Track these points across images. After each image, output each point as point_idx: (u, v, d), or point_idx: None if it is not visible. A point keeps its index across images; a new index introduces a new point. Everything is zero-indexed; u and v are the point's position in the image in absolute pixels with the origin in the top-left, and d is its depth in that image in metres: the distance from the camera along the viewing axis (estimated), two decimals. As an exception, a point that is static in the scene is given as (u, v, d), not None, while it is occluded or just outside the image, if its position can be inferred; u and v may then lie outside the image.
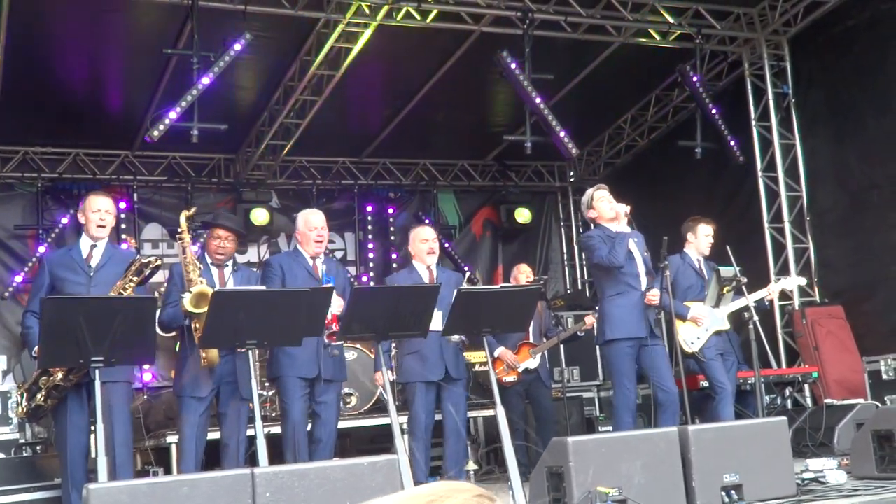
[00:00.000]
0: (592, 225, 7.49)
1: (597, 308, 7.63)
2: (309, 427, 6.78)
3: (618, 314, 7.05)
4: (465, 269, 13.11)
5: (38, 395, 5.87)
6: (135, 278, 5.89)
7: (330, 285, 6.30)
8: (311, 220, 6.87)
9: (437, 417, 7.34)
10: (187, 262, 6.24)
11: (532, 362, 8.63)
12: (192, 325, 6.13)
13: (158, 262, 6.03)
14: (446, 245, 13.01)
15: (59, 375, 5.78)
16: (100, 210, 6.18)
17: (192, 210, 6.59)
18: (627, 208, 7.09)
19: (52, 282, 6.06)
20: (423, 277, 7.17)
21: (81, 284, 5.99)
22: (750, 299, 7.65)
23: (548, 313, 9.01)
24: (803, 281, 8.49)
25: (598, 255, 7.04)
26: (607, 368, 7.60)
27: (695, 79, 10.44)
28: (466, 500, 1.44)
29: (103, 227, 6.16)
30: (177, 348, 6.96)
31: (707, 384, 8.56)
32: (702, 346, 7.68)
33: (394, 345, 7.82)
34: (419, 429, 7.03)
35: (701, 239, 7.94)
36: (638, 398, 10.41)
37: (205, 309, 5.60)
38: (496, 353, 8.54)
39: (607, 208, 7.19)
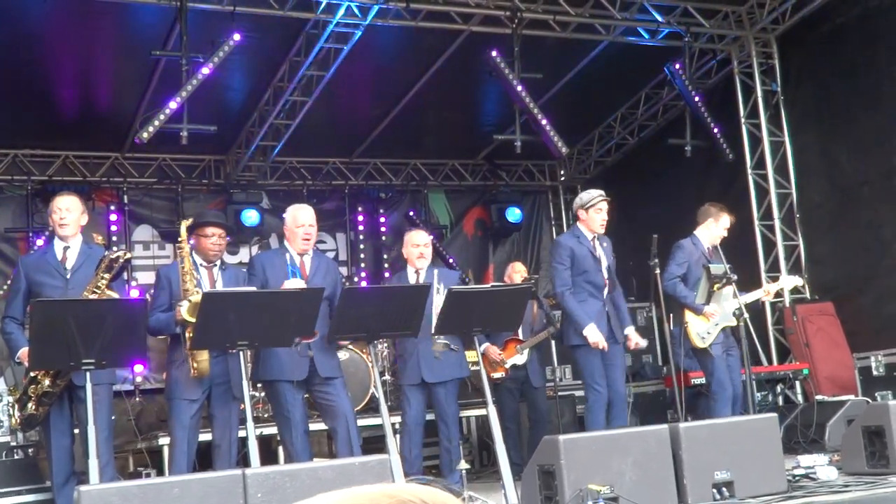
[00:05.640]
0: (575, 220, 7.70)
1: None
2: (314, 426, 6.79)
3: None
4: (465, 277, 13.12)
5: (30, 405, 5.87)
6: (106, 275, 5.85)
7: (321, 287, 6.25)
8: (299, 217, 6.76)
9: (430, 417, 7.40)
10: (185, 272, 6.22)
11: (519, 358, 8.64)
12: (185, 333, 6.12)
13: (128, 255, 6.05)
14: (441, 249, 13.01)
15: (47, 382, 5.76)
16: (59, 209, 6.15)
17: (190, 220, 6.54)
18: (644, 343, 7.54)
19: (30, 286, 6.05)
20: (408, 283, 7.17)
21: (58, 288, 5.98)
22: (744, 300, 7.64)
23: (541, 312, 9.02)
24: (799, 281, 8.46)
25: (556, 278, 7.43)
26: (576, 369, 7.70)
27: (684, 77, 10.46)
28: None
29: (65, 225, 6.12)
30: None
31: (700, 381, 8.61)
32: (711, 342, 7.63)
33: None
34: (405, 426, 7.13)
35: (721, 228, 7.94)
36: (629, 396, 10.48)
37: None
38: (481, 349, 8.57)
39: (598, 223, 7.43)
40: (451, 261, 13.06)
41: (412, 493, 1.39)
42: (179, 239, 6.36)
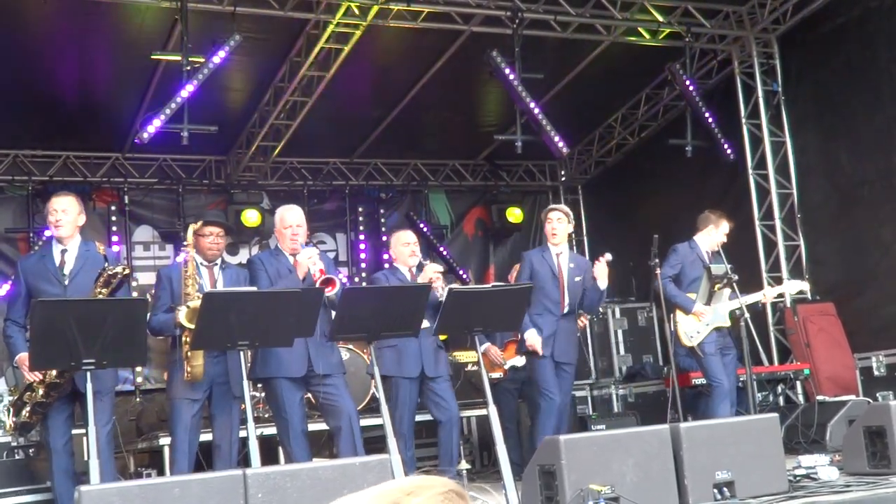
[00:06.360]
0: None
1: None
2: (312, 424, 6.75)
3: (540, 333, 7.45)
4: (463, 274, 13.11)
5: (24, 412, 5.85)
6: (103, 290, 5.76)
7: (319, 284, 6.23)
8: (286, 218, 6.74)
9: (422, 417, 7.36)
10: (188, 276, 6.21)
11: (519, 360, 8.63)
12: (183, 337, 6.12)
13: (127, 271, 5.93)
14: (442, 250, 13.02)
15: (40, 392, 5.74)
16: (55, 211, 6.06)
17: (199, 224, 6.52)
18: (603, 275, 7.48)
19: (29, 290, 6.00)
20: (405, 277, 7.16)
21: (56, 295, 5.90)
22: (743, 301, 7.66)
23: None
24: (805, 286, 8.53)
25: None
26: (530, 375, 7.77)
27: (684, 77, 10.45)
28: (434, 496, 1.45)
29: (59, 226, 6.04)
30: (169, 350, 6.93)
31: (702, 381, 8.61)
32: (701, 341, 7.75)
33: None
34: (402, 426, 7.00)
35: (720, 234, 8.05)
36: (630, 396, 10.49)
37: None
38: (481, 349, 8.58)
39: (549, 232, 7.66)
40: (443, 251, 13.05)
41: (432, 482, 1.51)
42: (185, 243, 6.34)
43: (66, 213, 6.08)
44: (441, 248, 13.09)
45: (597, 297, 7.67)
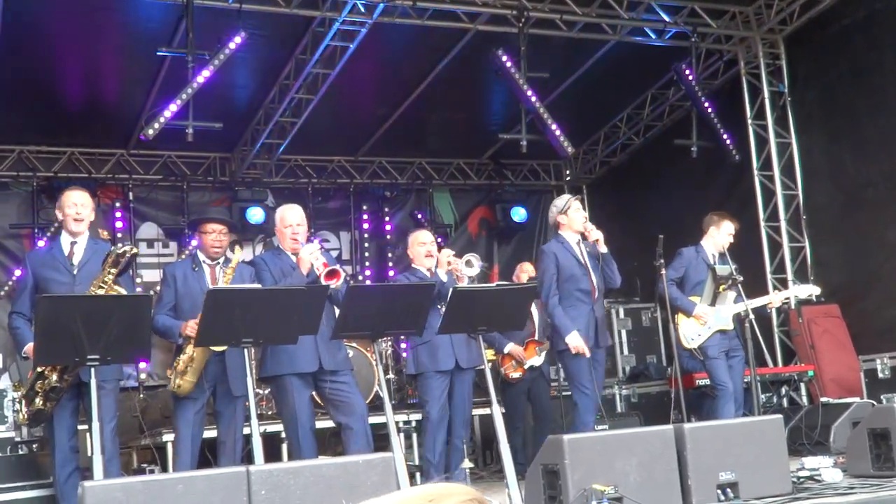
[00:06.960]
0: (555, 229, 7.57)
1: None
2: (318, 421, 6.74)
3: None
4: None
5: (37, 400, 5.85)
6: (112, 269, 5.83)
7: (324, 277, 6.21)
8: (287, 217, 6.74)
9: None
10: None
11: (537, 360, 8.68)
12: (186, 348, 6.14)
13: (135, 251, 6.03)
14: (440, 242, 13.00)
15: (54, 377, 5.75)
16: (75, 204, 6.14)
17: (239, 250, 6.55)
18: (601, 235, 7.28)
19: (36, 281, 6.04)
20: (426, 278, 7.14)
21: (65, 283, 5.97)
22: (750, 304, 7.65)
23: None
24: (816, 290, 8.51)
25: (542, 285, 7.28)
26: (565, 373, 7.64)
27: (690, 77, 10.44)
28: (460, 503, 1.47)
29: (80, 220, 6.12)
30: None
31: (705, 382, 8.61)
32: (702, 344, 7.75)
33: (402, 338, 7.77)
34: (432, 423, 7.00)
35: (723, 235, 8.03)
36: (634, 396, 10.47)
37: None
38: (506, 349, 8.63)
39: (579, 220, 7.36)
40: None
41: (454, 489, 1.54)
42: (230, 263, 6.36)
43: (84, 206, 6.18)
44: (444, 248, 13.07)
45: (609, 262, 7.39)
